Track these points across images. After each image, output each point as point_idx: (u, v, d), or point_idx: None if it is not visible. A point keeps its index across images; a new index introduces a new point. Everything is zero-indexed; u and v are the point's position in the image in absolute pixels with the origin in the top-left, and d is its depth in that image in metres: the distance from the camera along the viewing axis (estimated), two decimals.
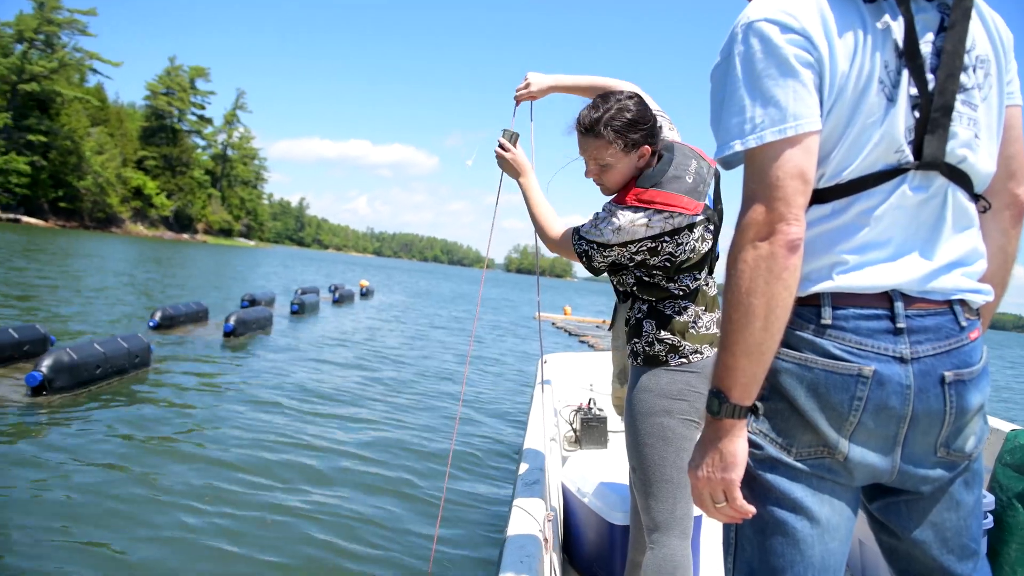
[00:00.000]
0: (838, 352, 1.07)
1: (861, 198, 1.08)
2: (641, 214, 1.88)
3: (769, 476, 1.12)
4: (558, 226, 2.09)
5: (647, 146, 1.96)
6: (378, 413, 6.73)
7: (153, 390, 6.55)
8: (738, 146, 1.06)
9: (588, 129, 1.96)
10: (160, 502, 3.91)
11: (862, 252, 1.08)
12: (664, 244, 1.91)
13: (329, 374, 8.54)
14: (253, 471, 4.61)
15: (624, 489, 2.56)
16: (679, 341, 1.96)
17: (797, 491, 1.11)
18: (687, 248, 1.93)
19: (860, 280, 1.08)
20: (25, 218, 62.22)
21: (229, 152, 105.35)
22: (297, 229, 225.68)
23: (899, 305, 1.07)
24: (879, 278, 1.08)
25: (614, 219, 1.90)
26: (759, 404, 1.10)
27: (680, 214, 1.89)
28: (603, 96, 1.99)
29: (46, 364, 5.73)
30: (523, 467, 3.14)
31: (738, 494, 1.09)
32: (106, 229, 72.20)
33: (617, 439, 4.40)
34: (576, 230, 2.00)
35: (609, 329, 2.63)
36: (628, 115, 1.93)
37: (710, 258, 2.04)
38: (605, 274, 2.09)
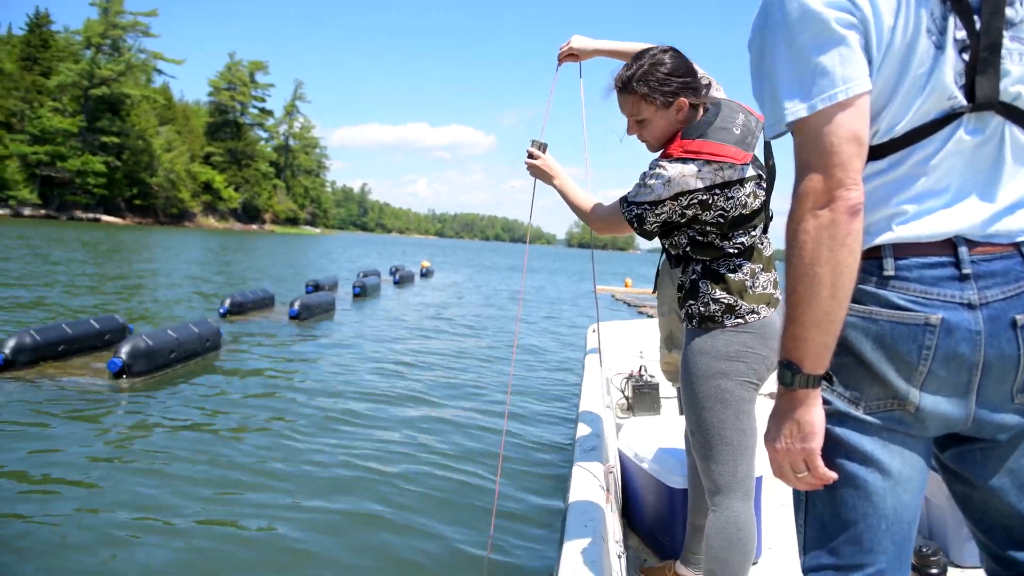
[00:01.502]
0: (903, 302, 1.05)
1: (916, 149, 1.05)
2: (691, 165, 1.84)
3: (838, 430, 1.10)
4: (600, 206, 2.08)
5: (683, 99, 1.91)
6: (436, 387, 6.85)
7: (223, 371, 6.87)
8: (790, 118, 1.03)
9: (623, 87, 1.96)
10: (233, 478, 4.08)
11: (921, 201, 1.05)
12: (715, 197, 1.85)
13: (389, 352, 8.72)
14: (318, 443, 4.78)
15: (681, 453, 2.52)
16: (736, 300, 1.91)
17: (867, 444, 1.09)
18: (738, 203, 1.87)
19: (921, 229, 1.05)
20: (104, 217, 65.56)
21: (291, 143, 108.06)
22: (360, 215, 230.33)
23: (963, 251, 1.04)
24: (940, 225, 1.05)
25: (663, 171, 1.85)
26: (831, 372, 1.08)
27: (730, 166, 1.85)
28: (639, 54, 1.97)
29: (125, 351, 6.08)
30: (579, 435, 3.14)
31: (819, 463, 1.07)
32: (179, 224, 75.37)
33: (669, 404, 4.35)
34: (623, 199, 1.97)
35: (653, 293, 2.58)
36: (662, 69, 1.91)
37: (764, 216, 1.97)
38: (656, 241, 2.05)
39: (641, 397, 4.07)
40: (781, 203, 1.99)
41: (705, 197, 1.85)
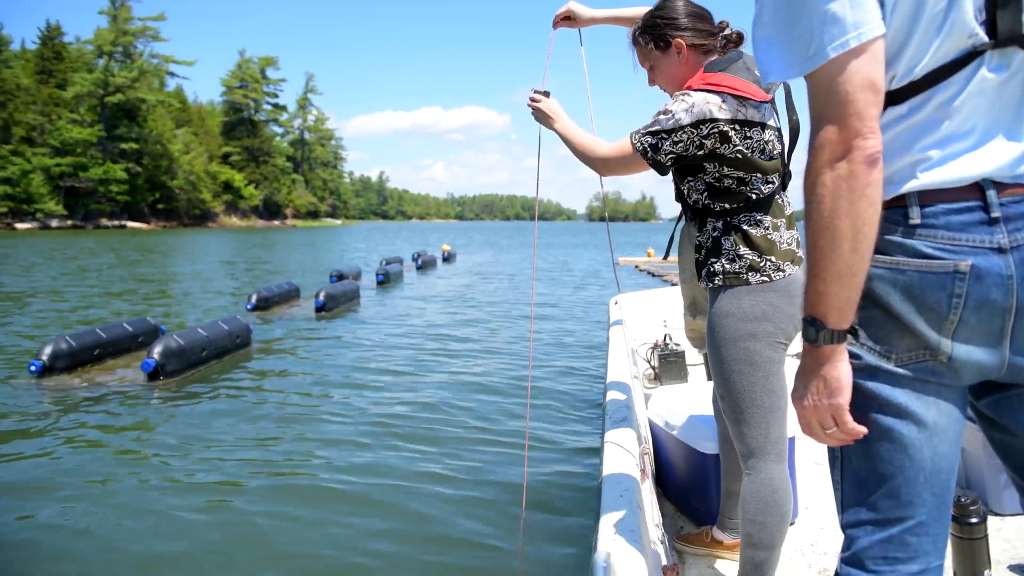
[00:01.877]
0: (930, 251, 1.01)
1: (938, 91, 1.00)
2: (715, 95, 1.81)
3: (870, 384, 1.08)
4: (604, 144, 1.97)
5: (679, 40, 1.94)
6: (460, 368, 6.89)
7: (255, 366, 6.99)
8: (804, 68, 1.00)
9: (633, 40, 2.05)
10: (280, 461, 4.17)
11: (945, 145, 1.01)
12: (735, 133, 1.81)
13: (415, 335, 8.79)
14: (356, 424, 4.88)
15: (711, 419, 2.50)
16: (760, 257, 1.86)
17: (900, 396, 1.06)
18: (756, 147, 1.83)
19: (946, 174, 1.01)
20: (129, 223, 66.65)
21: (306, 136, 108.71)
22: (380, 203, 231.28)
23: (991, 194, 1.00)
24: (966, 169, 1.01)
25: (686, 99, 1.81)
26: (857, 327, 1.05)
27: (754, 105, 1.83)
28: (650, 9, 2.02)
29: (157, 351, 6.20)
30: (609, 407, 3.13)
31: (848, 418, 1.05)
32: (203, 224, 76.40)
33: (696, 372, 4.32)
34: (633, 132, 1.90)
35: (664, 259, 2.54)
36: (659, 13, 1.97)
37: (783, 168, 1.93)
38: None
39: (668, 366, 4.05)
40: (798, 163, 1.95)
41: (726, 129, 1.80)
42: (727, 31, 1.97)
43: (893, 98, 1.02)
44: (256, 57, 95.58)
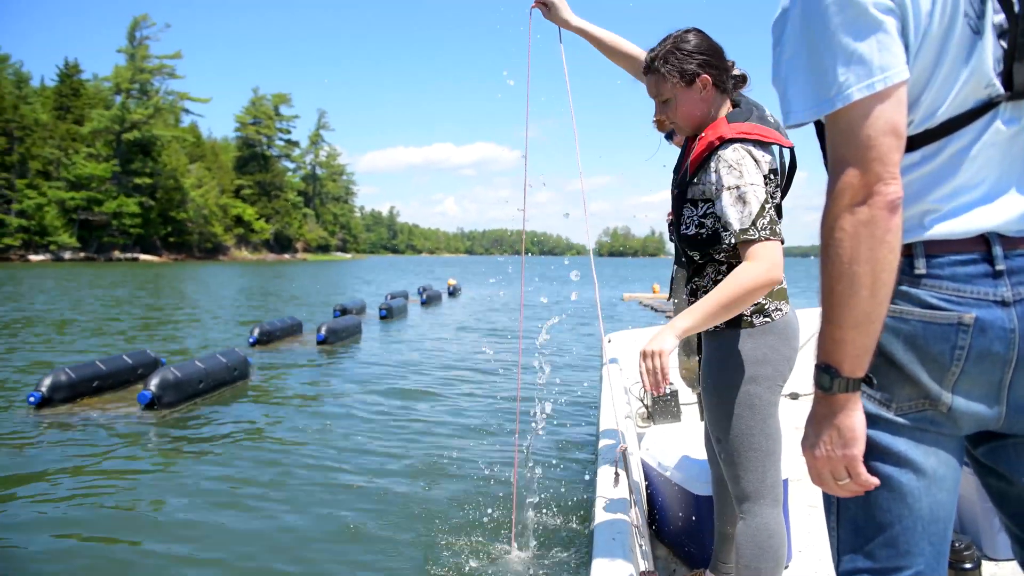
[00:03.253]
0: (935, 301, 1.01)
1: (952, 140, 1.00)
2: (757, 149, 1.78)
3: (870, 432, 1.06)
4: (747, 269, 1.70)
5: (705, 76, 1.85)
6: (454, 404, 6.84)
7: (251, 398, 6.98)
8: (825, 109, 0.97)
9: (648, 67, 1.92)
10: (259, 500, 4.09)
11: (955, 197, 1.01)
12: (769, 183, 1.80)
13: (412, 371, 8.75)
14: (345, 462, 4.84)
15: (705, 460, 2.43)
16: (763, 299, 1.84)
17: (900, 445, 1.05)
18: (772, 193, 1.82)
19: (954, 226, 1.01)
20: (142, 256, 67.33)
21: (318, 171, 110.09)
22: (390, 237, 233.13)
23: (997, 249, 1.00)
24: (974, 222, 1.01)
25: (746, 162, 1.75)
26: (871, 375, 1.03)
27: (773, 151, 1.84)
28: (667, 36, 1.94)
29: (154, 383, 6.21)
30: (602, 448, 3.08)
31: (862, 469, 1.03)
32: (214, 258, 77.04)
33: (689, 411, 4.26)
34: (743, 232, 1.70)
35: (669, 299, 2.51)
36: (684, 46, 1.86)
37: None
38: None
39: (661, 405, 4.02)
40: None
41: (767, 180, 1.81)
42: (734, 71, 1.95)
43: (908, 145, 1.00)
44: (269, 94, 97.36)
